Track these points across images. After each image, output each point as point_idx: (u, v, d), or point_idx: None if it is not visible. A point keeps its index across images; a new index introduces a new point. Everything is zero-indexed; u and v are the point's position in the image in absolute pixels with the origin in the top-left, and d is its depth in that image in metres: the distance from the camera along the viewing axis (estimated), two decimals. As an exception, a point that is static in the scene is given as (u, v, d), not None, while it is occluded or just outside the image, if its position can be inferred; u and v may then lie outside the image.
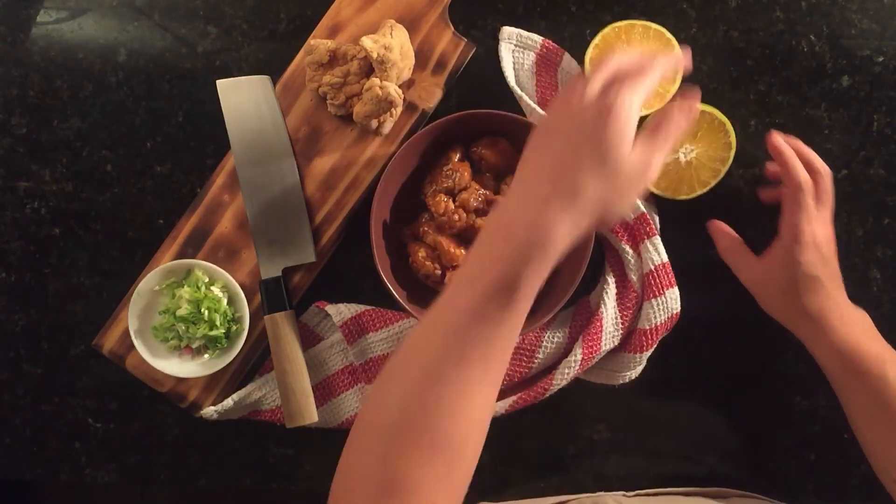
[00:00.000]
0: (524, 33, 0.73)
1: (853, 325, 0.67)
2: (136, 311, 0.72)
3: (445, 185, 0.71)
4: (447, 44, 0.74)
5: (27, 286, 0.76)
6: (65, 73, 0.76)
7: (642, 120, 0.72)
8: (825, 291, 0.67)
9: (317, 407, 0.72)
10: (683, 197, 0.73)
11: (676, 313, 0.71)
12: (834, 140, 0.75)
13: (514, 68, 0.74)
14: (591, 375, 0.74)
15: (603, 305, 0.71)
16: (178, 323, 0.71)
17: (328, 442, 0.75)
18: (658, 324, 0.70)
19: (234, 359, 0.73)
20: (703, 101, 0.73)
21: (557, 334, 0.73)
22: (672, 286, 0.71)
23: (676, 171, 0.72)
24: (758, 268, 0.70)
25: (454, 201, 0.71)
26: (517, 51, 0.74)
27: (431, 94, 0.74)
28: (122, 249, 0.75)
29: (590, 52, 0.72)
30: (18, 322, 0.76)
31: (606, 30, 0.71)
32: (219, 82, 0.74)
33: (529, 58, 0.74)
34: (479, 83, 0.75)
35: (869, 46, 0.75)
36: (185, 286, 0.72)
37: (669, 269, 0.71)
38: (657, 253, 0.71)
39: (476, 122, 0.70)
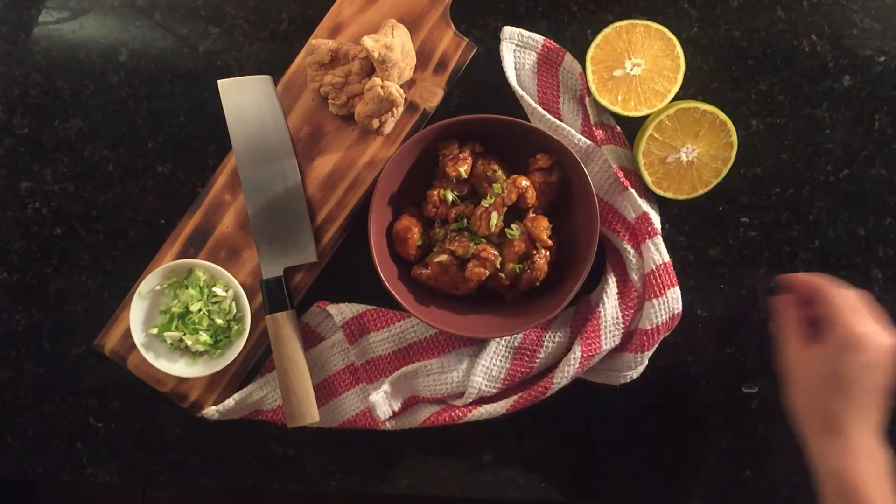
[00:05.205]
0: (525, 33, 0.73)
1: (866, 458, 0.62)
2: (138, 311, 0.72)
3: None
4: (448, 44, 0.74)
5: (29, 286, 0.76)
6: (66, 72, 0.76)
7: (643, 119, 0.73)
8: (857, 404, 0.62)
9: (318, 407, 0.72)
10: (685, 196, 0.73)
11: (678, 313, 0.71)
12: (835, 140, 0.75)
13: (515, 68, 0.74)
14: (592, 375, 0.74)
15: (602, 304, 0.71)
16: (179, 323, 0.72)
17: (329, 442, 0.75)
18: (659, 323, 0.70)
19: (236, 359, 0.73)
20: (705, 100, 0.74)
21: (558, 334, 0.73)
22: (673, 286, 0.71)
23: (678, 171, 0.72)
24: (806, 353, 0.66)
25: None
26: (518, 51, 0.74)
27: (433, 94, 0.74)
28: (124, 249, 0.75)
29: (591, 52, 0.71)
30: (20, 322, 0.76)
31: (608, 30, 0.71)
32: (220, 82, 0.74)
33: (531, 58, 0.74)
34: (480, 83, 0.75)
35: (870, 46, 0.75)
36: (188, 286, 0.72)
37: (671, 268, 0.71)
38: (658, 253, 0.71)
39: (479, 127, 0.70)
